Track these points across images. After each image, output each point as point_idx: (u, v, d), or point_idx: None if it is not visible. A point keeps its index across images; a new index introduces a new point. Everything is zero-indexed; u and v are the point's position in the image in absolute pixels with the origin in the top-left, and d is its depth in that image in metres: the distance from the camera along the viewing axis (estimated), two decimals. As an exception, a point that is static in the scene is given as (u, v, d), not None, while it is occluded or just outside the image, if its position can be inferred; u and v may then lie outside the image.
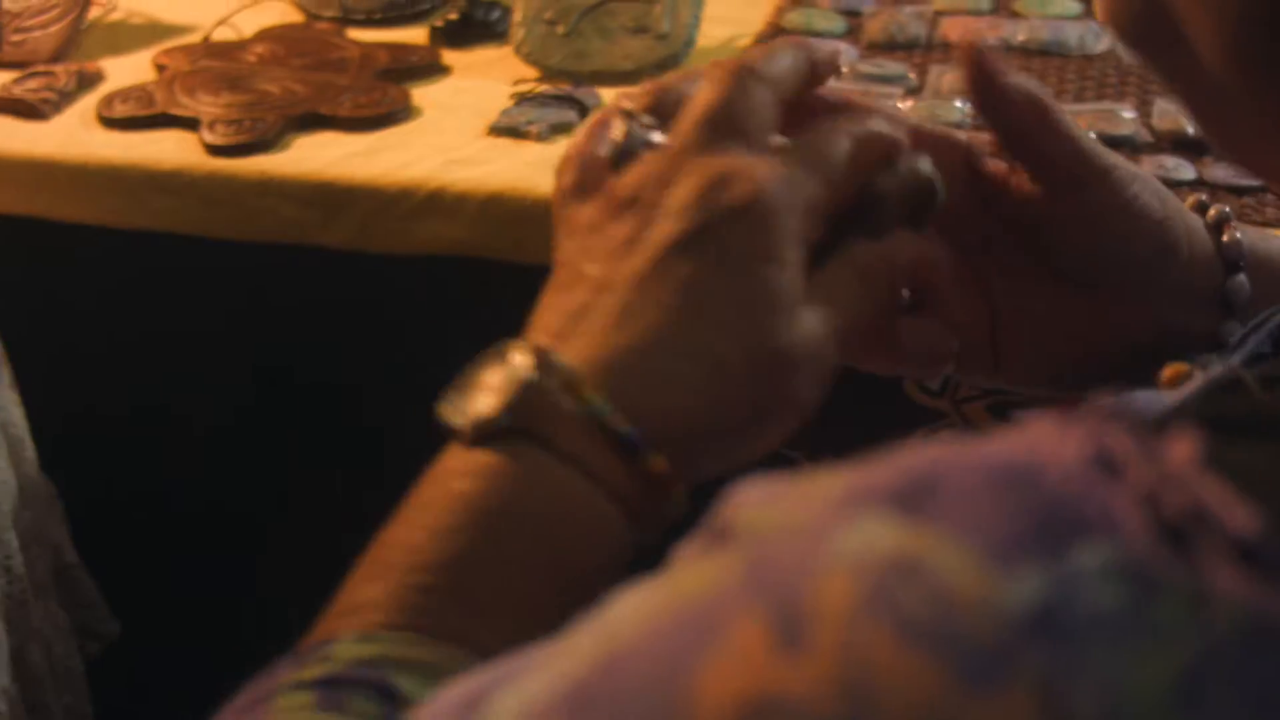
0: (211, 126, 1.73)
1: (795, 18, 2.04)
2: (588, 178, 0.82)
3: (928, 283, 0.84)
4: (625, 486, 0.73)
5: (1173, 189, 1.58)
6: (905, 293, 0.85)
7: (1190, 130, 1.69)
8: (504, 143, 1.73)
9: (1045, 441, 0.48)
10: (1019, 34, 1.99)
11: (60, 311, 1.80)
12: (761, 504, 0.51)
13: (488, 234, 1.64)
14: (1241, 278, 0.87)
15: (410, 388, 1.77)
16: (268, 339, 1.80)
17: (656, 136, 0.81)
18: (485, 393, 0.74)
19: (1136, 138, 1.71)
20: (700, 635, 0.47)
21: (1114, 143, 1.70)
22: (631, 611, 0.51)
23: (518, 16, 1.93)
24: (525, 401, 0.73)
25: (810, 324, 0.75)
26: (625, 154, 0.80)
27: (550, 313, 0.78)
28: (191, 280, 1.77)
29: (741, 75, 0.79)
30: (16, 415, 1.63)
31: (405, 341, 1.75)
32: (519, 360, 0.74)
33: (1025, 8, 2.07)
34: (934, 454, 0.49)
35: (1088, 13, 2.06)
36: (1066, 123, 0.86)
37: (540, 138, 1.73)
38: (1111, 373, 0.85)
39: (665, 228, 0.75)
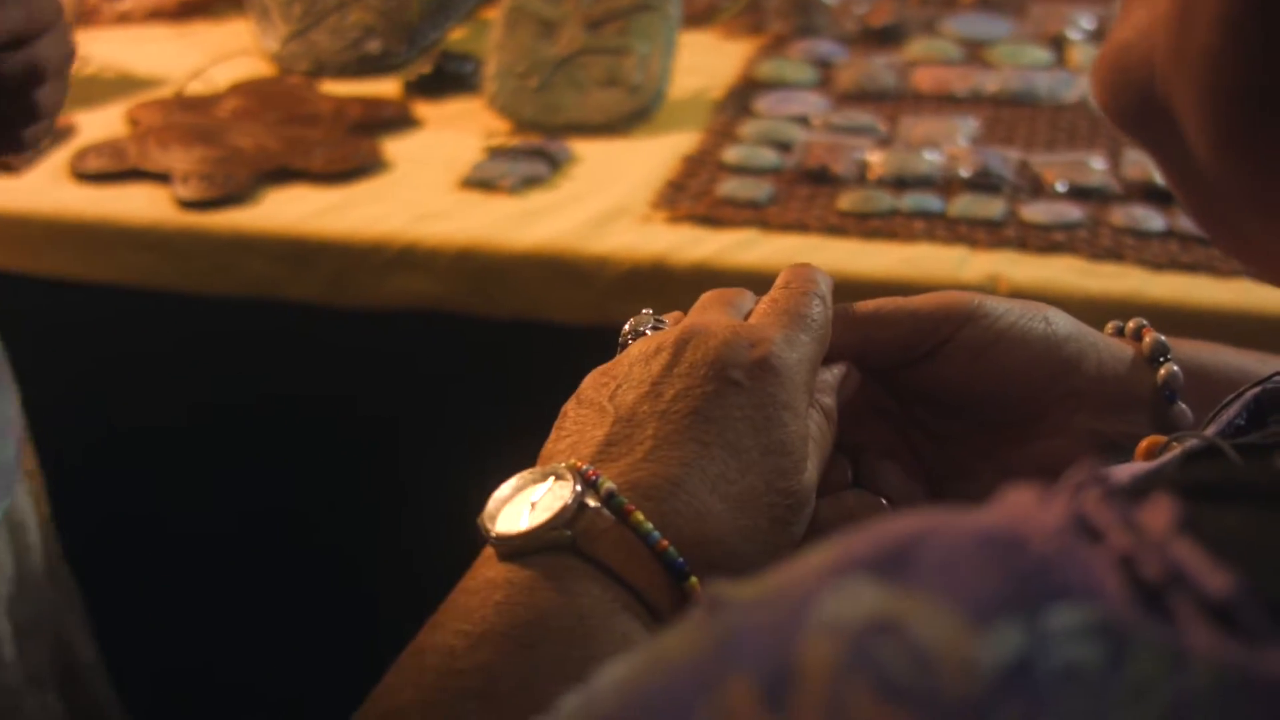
0: (184, 181, 1.73)
1: (768, 68, 2.04)
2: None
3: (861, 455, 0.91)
4: (663, 604, 0.76)
5: (1143, 239, 1.61)
6: (848, 472, 0.90)
7: (1159, 180, 1.70)
8: (476, 196, 1.74)
9: (1026, 509, 0.49)
10: (990, 84, 2.00)
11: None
12: (745, 581, 0.52)
13: (460, 288, 1.64)
14: (1174, 367, 0.90)
15: (386, 442, 1.79)
16: (251, 390, 1.80)
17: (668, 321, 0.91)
18: (532, 510, 0.77)
19: (1106, 188, 1.71)
20: (689, 696, 0.48)
21: (1084, 192, 1.71)
22: (614, 680, 0.51)
23: (490, 70, 1.94)
24: (580, 521, 0.75)
25: (811, 470, 0.81)
26: (639, 334, 0.90)
27: (573, 441, 0.82)
28: (165, 333, 1.77)
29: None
30: (25, 502, 1.57)
31: (380, 394, 1.75)
32: (568, 481, 0.77)
33: (997, 58, 2.08)
34: (916, 523, 0.50)
35: (1058, 62, 2.07)
36: (890, 307, 0.90)
37: (512, 191, 1.73)
38: None
39: (699, 372, 0.81)
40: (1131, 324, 0.92)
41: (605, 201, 1.71)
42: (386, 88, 2.01)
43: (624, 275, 1.60)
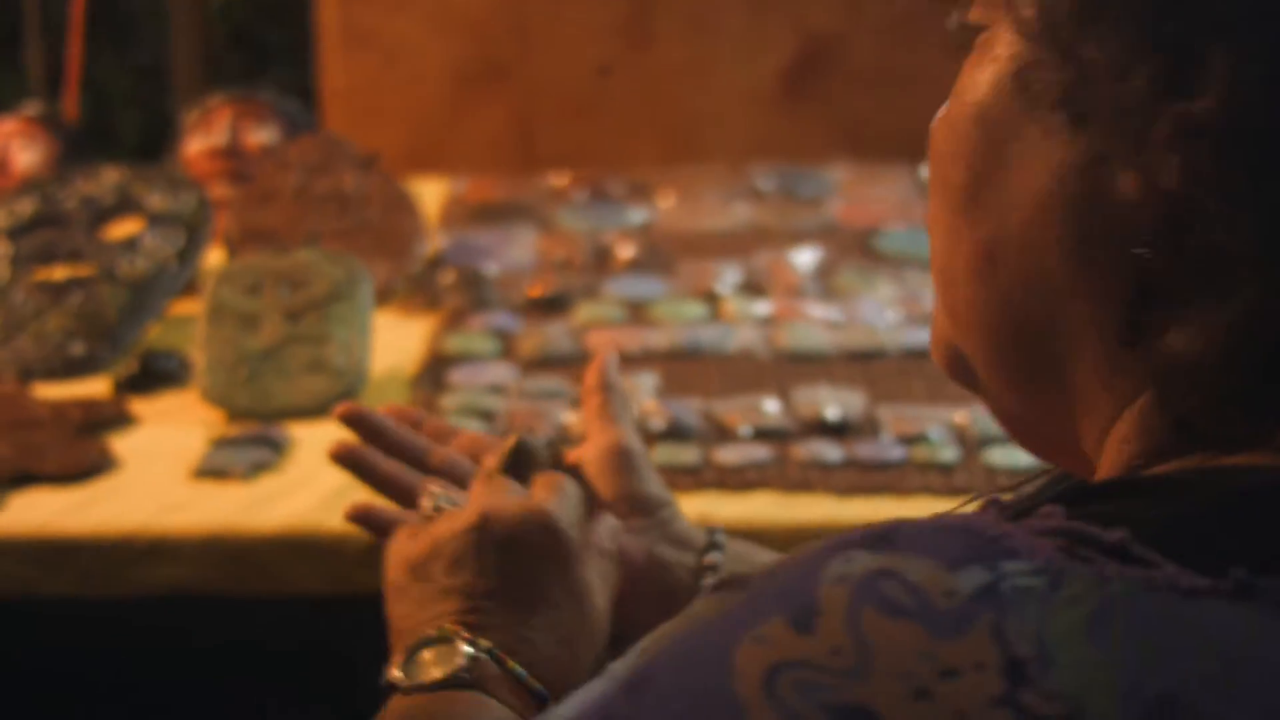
0: (-76, 493, 1.81)
1: (453, 343, 2.21)
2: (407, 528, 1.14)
3: None
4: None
5: (827, 470, 1.80)
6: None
7: (829, 416, 1.91)
8: (211, 485, 1.85)
9: (962, 514, 0.73)
10: (658, 341, 2.19)
11: None
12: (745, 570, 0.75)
13: (211, 573, 1.75)
14: (717, 557, 1.20)
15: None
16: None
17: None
18: (436, 665, 1.03)
19: (784, 428, 1.91)
20: (726, 635, 0.69)
21: (766, 433, 1.90)
22: (657, 636, 0.73)
23: (200, 364, 2.06)
24: (476, 669, 1.03)
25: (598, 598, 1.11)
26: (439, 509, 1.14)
27: (432, 613, 1.07)
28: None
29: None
30: None
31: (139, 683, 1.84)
32: (461, 642, 1.04)
33: (658, 316, 2.28)
34: (888, 521, 0.72)
35: (714, 316, 2.28)
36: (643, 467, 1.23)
37: (245, 477, 1.85)
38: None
39: (506, 548, 1.09)
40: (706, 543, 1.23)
41: (335, 479, 1.83)
42: (97, 387, 2.11)
43: (369, 547, 1.72)
